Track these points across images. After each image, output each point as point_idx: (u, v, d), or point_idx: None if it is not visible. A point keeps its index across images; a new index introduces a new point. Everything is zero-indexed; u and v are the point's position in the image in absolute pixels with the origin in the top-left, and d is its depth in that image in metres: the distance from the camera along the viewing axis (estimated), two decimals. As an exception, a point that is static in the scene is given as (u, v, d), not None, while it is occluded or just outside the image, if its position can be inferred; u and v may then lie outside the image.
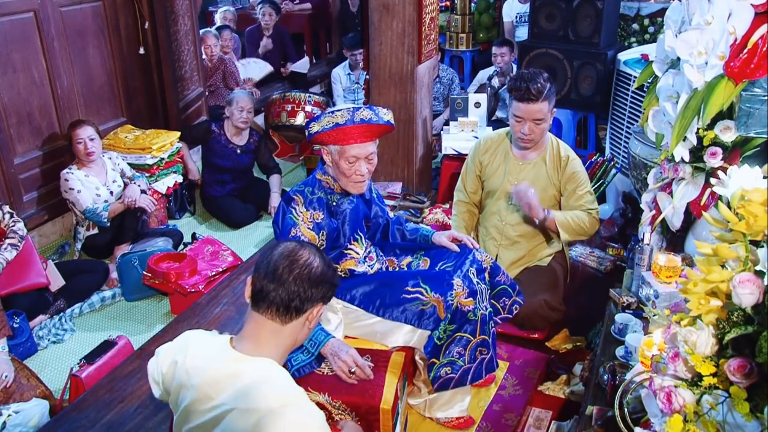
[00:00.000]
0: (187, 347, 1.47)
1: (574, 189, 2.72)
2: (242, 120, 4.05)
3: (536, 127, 2.61)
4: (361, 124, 1.97)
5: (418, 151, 4.03)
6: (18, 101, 3.51)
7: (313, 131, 2.02)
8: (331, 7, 7.29)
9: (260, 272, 1.40)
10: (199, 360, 1.42)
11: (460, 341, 2.08)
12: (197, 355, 1.44)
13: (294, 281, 1.37)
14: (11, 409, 2.29)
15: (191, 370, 1.41)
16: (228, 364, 1.38)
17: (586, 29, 4.00)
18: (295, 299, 1.38)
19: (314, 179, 2.14)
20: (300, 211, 2.05)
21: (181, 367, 1.44)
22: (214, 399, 1.36)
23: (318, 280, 1.40)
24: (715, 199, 1.88)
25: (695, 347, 1.33)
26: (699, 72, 1.82)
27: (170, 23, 4.43)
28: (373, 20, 3.75)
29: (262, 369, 1.37)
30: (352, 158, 2.02)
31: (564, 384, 2.49)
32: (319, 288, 1.40)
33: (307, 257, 1.40)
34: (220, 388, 1.36)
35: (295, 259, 1.39)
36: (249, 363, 1.37)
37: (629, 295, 2.19)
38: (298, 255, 1.39)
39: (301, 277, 1.38)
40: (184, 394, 1.42)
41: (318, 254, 1.43)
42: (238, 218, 4.08)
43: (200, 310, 2.94)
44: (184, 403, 1.41)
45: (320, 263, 1.41)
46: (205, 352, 1.44)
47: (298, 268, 1.38)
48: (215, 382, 1.37)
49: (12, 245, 2.86)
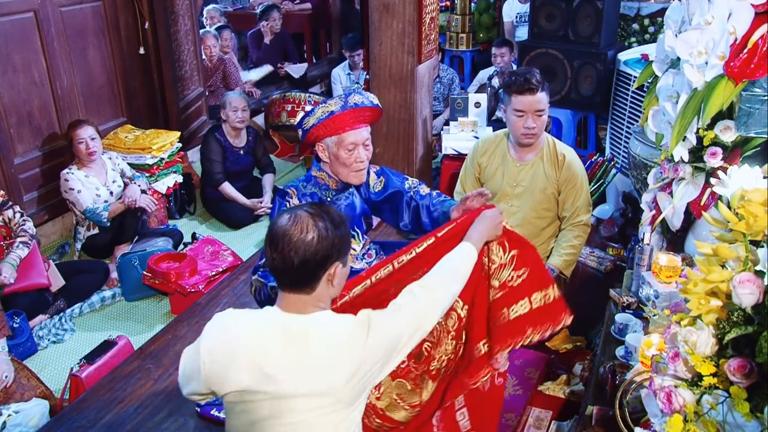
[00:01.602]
0: (237, 338, 1.42)
1: (566, 196, 2.70)
2: (239, 119, 4.06)
3: (538, 119, 2.61)
4: (355, 108, 2.01)
5: (418, 151, 4.03)
6: (18, 101, 3.51)
7: (310, 125, 2.02)
8: (331, 7, 7.29)
9: (268, 253, 1.43)
10: (259, 340, 1.41)
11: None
12: (254, 337, 1.42)
13: (296, 258, 1.37)
14: (11, 409, 2.29)
15: (258, 356, 1.39)
16: (291, 329, 1.41)
17: (586, 29, 4.00)
18: (302, 273, 1.40)
19: (309, 176, 2.15)
20: (294, 203, 2.05)
21: (241, 359, 1.40)
22: (295, 365, 1.39)
23: (317, 249, 1.38)
24: (715, 199, 1.88)
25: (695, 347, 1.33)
26: (699, 72, 1.82)
27: (170, 23, 4.43)
28: (373, 20, 3.74)
29: (323, 318, 1.44)
30: (351, 145, 2.03)
31: (564, 384, 2.49)
32: (322, 253, 1.39)
33: (299, 232, 1.38)
34: (297, 351, 1.39)
35: (288, 237, 1.38)
36: (300, 319, 1.42)
37: (629, 295, 2.19)
38: (291, 233, 1.38)
39: (300, 254, 1.37)
40: (259, 382, 1.40)
41: (312, 219, 1.40)
42: (238, 218, 4.08)
43: (200, 310, 2.94)
44: (267, 387, 1.39)
45: (314, 232, 1.38)
46: (261, 332, 1.43)
47: (294, 247, 1.37)
48: (291, 349, 1.40)
49: (23, 243, 2.94)
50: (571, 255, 2.68)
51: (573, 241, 2.70)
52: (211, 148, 4.07)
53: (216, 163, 4.06)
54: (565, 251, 2.68)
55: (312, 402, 1.40)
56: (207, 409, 2.27)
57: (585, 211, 2.72)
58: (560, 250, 2.70)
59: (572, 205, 2.70)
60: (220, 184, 4.07)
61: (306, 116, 2.04)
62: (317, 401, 1.40)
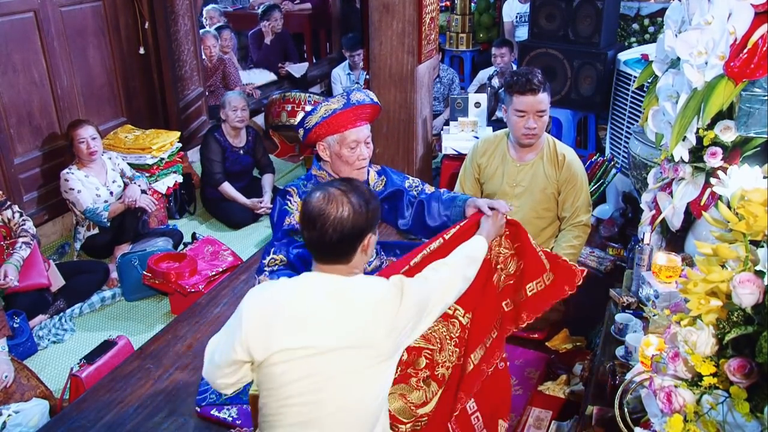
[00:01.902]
0: (279, 299, 1.48)
1: (566, 196, 2.70)
2: (238, 119, 4.06)
3: (539, 119, 2.60)
4: (357, 105, 2.03)
5: (418, 151, 4.03)
6: (18, 101, 3.51)
7: (312, 124, 2.02)
8: (331, 7, 7.29)
9: (304, 232, 1.48)
10: (301, 298, 1.46)
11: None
12: (296, 296, 1.47)
13: (334, 234, 1.43)
14: (11, 409, 2.29)
15: (300, 313, 1.44)
16: (331, 288, 1.47)
17: (586, 29, 4.00)
18: (340, 247, 1.46)
19: (310, 174, 2.15)
20: (295, 201, 2.06)
21: (286, 324, 1.44)
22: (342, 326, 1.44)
23: (353, 224, 1.45)
24: (715, 199, 1.88)
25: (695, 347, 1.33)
26: (699, 72, 1.82)
27: (170, 23, 4.43)
28: (373, 20, 3.74)
29: (360, 278, 1.51)
30: (353, 143, 2.04)
31: (564, 384, 2.49)
32: (358, 227, 1.46)
33: (335, 210, 1.43)
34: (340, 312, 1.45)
35: (326, 215, 1.43)
36: (346, 278, 1.49)
37: (629, 295, 2.19)
38: (327, 211, 1.43)
39: (338, 231, 1.43)
40: (304, 341, 1.43)
41: (345, 196, 1.46)
42: (238, 218, 4.08)
43: (200, 310, 2.94)
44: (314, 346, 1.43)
45: (349, 209, 1.44)
46: (303, 291, 1.48)
47: (332, 224, 1.43)
48: (334, 310, 1.45)
49: (26, 243, 2.96)
50: (571, 255, 2.68)
51: (573, 241, 2.69)
52: (211, 148, 4.07)
53: (216, 163, 4.06)
54: (564, 251, 2.68)
55: (354, 355, 1.45)
56: (207, 410, 2.27)
57: (585, 212, 2.72)
58: (560, 250, 2.70)
59: (572, 205, 2.70)
60: (219, 184, 4.07)
61: (307, 115, 2.04)
62: (360, 354, 1.45)
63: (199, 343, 2.69)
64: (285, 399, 1.45)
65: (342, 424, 1.48)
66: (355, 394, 1.48)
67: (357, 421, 1.50)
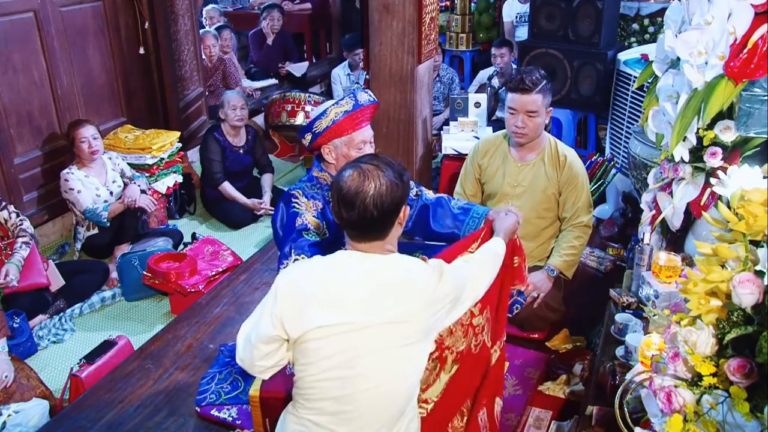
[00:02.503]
0: (313, 276, 1.48)
1: (567, 197, 2.70)
2: (237, 118, 4.06)
3: (529, 120, 2.59)
4: (366, 105, 2.04)
5: (418, 151, 4.03)
6: (18, 101, 3.51)
7: (323, 128, 2.00)
8: (331, 7, 7.29)
9: (342, 214, 1.47)
10: (336, 275, 1.48)
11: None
12: (331, 273, 1.48)
13: (375, 210, 1.43)
14: (11, 409, 2.29)
15: (336, 290, 1.46)
16: (366, 264, 1.48)
17: (586, 29, 4.00)
18: (380, 223, 1.47)
19: (311, 176, 2.14)
20: (302, 201, 2.05)
21: (324, 302, 1.45)
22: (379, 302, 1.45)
23: (392, 198, 1.46)
24: (715, 199, 1.88)
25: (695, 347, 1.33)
26: (699, 72, 1.82)
27: (170, 23, 4.43)
28: (373, 20, 3.74)
29: (396, 256, 1.52)
30: (361, 144, 2.05)
31: (564, 384, 2.49)
32: (397, 200, 1.47)
33: (374, 187, 1.44)
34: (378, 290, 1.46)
35: (364, 193, 1.43)
36: (389, 259, 1.50)
37: (629, 295, 2.19)
38: (365, 189, 1.43)
39: (378, 206, 1.43)
40: (344, 318, 1.45)
41: (379, 170, 1.46)
42: (238, 218, 4.08)
43: (200, 310, 2.94)
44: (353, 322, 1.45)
45: (387, 182, 1.45)
46: (338, 268, 1.49)
47: (372, 200, 1.43)
48: (370, 288, 1.46)
49: (25, 243, 2.96)
50: (571, 255, 2.68)
51: (573, 241, 2.69)
52: (211, 148, 4.07)
53: (215, 162, 4.06)
54: (565, 252, 2.68)
55: (390, 331, 1.46)
56: (207, 409, 2.27)
57: (585, 212, 2.72)
58: (560, 251, 2.70)
59: (573, 205, 2.70)
60: (219, 184, 4.07)
61: (315, 120, 2.02)
62: (395, 330, 1.46)
63: (199, 343, 2.69)
64: (320, 373, 1.47)
65: (375, 402, 1.50)
66: (388, 374, 1.49)
67: (389, 399, 1.51)
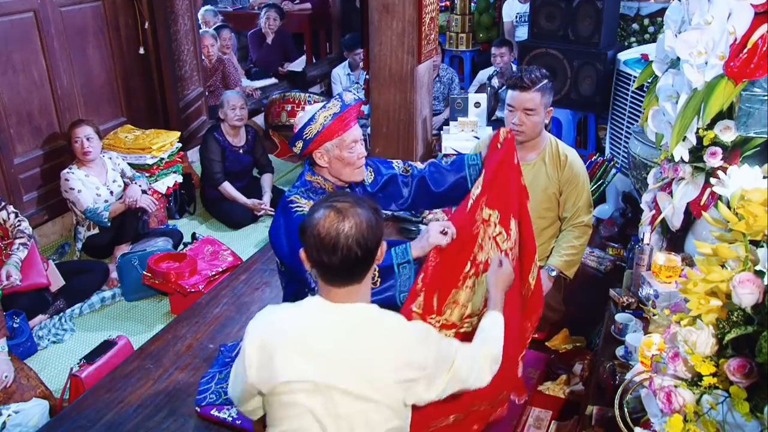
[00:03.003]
0: (282, 329, 1.42)
1: (567, 196, 2.70)
2: (237, 118, 4.06)
3: (527, 118, 2.59)
4: (353, 105, 2.04)
5: (418, 151, 4.03)
6: (18, 101, 3.51)
7: (314, 133, 2.00)
8: (331, 7, 7.30)
9: (324, 259, 1.37)
10: (304, 331, 1.40)
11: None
12: (299, 328, 1.41)
13: (359, 250, 1.36)
14: (11, 409, 2.29)
15: (304, 346, 1.39)
16: (332, 317, 1.41)
17: (586, 29, 4.00)
18: (362, 263, 1.39)
19: (304, 181, 2.13)
20: (303, 203, 2.04)
21: (284, 354, 1.39)
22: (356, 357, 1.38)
23: (374, 234, 1.39)
24: (714, 199, 1.88)
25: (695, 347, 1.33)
26: (699, 72, 1.82)
27: (170, 23, 4.43)
28: (373, 20, 3.74)
29: (364, 311, 1.42)
30: (352, 144, 2.05)
31: (564, 384, 2.49)
32: (377, 237, 1.40)
33: (355, 227, 1.35)
34: (358, 344, 1.38)
35: (344, 235, 1.35)
36: (358, 309, 1.42)
37: (629, 295, 2.19)
38: (346, 231, 1.35)
39: (362, 246, 1.36)
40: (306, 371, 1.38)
41: (354, 208, 1.38)
42: (238, 218, 4.08)
43: (200, 310, 2.93)
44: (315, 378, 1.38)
45: (366, 217, 1.38)
46: (306, 323, 1.42)
47: (355, 241, 1.35)
48: (347, 342, 1.39)
49: (23, 245, 2.96)
50: (571, 255, 2.68)
51: (573, 241, 2.69)
52: (211, 148, 4.07)
53: (215, 162, 4.06)
54: (565, 251, 2.68)
55: (357, 397, 1.37)
56: (207, 409, 2.27)
57: (586, 212, 2.72)
58: (560, 251, 2.70)
59: (573, 205, 2.70)
60: (219, 184, 4.07)
61: (305, 127, 2.00)
62: (363, 407, 1.37)
63: (199, 343, 2.68)
64: (287, 430, 1.42)
65: None
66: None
67: None
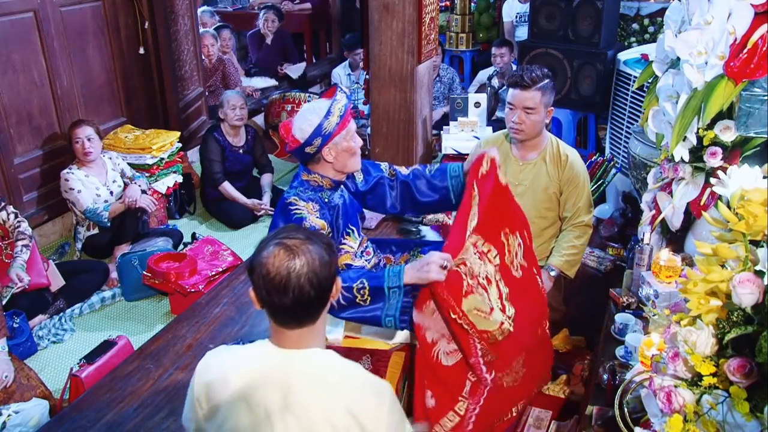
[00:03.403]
0: (224, 372, 1.35)
1: (568, 196, 2.70)
2: (237, 118, 4.06)
3: (527, 116, 2.60)
4: (349, 100, 2.10)
5: (418, 151, 4.03)
6: (18, 101, 3.51)
7: (334, 125, 1.98)
8: (331, 7, 7.30)
9: (274, 301, 1.29)
10: (251, 377, 1.33)
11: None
12: (244, 373, 1.34)
13: (312, 290, 1.27)
14: (11, 409, 2.29)
15: (248, 391, 1.31)
16: (286, 366, 1.33)
17: (586, 29, 4.00)
18: (316, 303, 1.31)
19: (301, 180, 2.13)
20: (302, 205, 2.04)
21: (224, 393, 1.33)
22: (292, 407, 1.29)
23: (328, 271, 1.30)
24: (714, 199, 1.88)
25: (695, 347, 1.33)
26: (699, 72, 1.82)
27: (170, 23, 4.43)
28: (373, 20, 3.74)
29: (318, 359, 1.34)
30: (354, 133, 2.11)
31: (564, 384, 2.49)
32: (331, 273, 1.31)
33: (307, 265, 1.27)
34: (292, 393, 1.30)
35: (296, 274, 1.26)
36: (303, 356, 1.33)
37: (629, 295, 2.19)
38: (299, 270, 1.26)
39: (315, 285, 1.27)
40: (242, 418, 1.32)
41: (306, 245, 1.29)
42: (238, 218, 4.08)
43: (200, 310, 2.93)
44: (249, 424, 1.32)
45: (318, 254, 1.28)
46: (252, 367, 1.34)
47: (308, 280, 1.26)
48: (283, 390, 1.31)
49: (25, 246, 2.97)
50: (572, 255, 2.68)
51: (574, 241, 2.69)
52: (211, 148, 4.07)
53: (215, 162, 4.06)
54: (565, 251, 2.68)
55: None
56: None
57: (586, 212, 2.72)
58: (560, 250, 2.70)
59: (574, 205, 2.70)
60: (219, 184, 4.07)
61: (324, 121, 1.98)
62: None
63: (199, 343, 2.68)
64: None
65: None
66: None
67: None
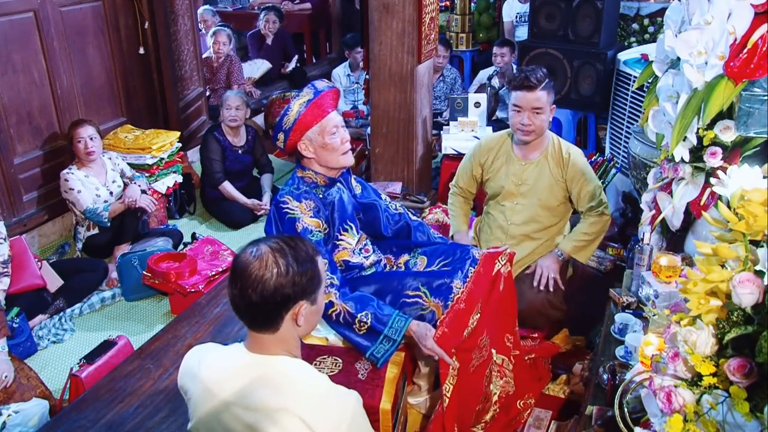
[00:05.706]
0: (199, 363, 1.45)
1: (579, 192, 2.70)
2: (231, 117, 4.07)
3: (535, 117, 2.60)
4: (326, 91, 2.06)
5: (418, 150, 4.03)
6: (18, 101, 3.51)
7: (291, 121, 2.01)
8: (331, 7, 7.30)
9: (228, 288, 1.36)
10: (216, 372, 1.40)
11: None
12: (212, 367, 1.42)
13: (253, 295, 1.30)
14: (11, 409, 2.29)
15: (210, 384, 1.39)
16: (248, 367, 1.37)
17: (586, 29, 4.00)
18: (262, 312, 1.33)
19: (296, 178, 2.14)
20: (294, 205, 2.04)
21: (198, 384, 1.42)
22: (244, 406, 1.33)
23: (276, 288, 1.30)
24: (714, 199, 1.88)
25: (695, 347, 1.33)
26: (699, 72, 1.82)
27: (170, 23, 4.44)
28: (373, 20, 3.74)
29: (281, 366, 1.36)
30: (334, 128, 2.07)
31: (564, 384, 2.49)
32: (282, 292, 1.31)
33: (258, 269, 1.29)
34: (247, 392, 1.34)
35: (247, 273, 1.30)
36: (267, 361, 1.36)
37: (629, 295, 2.19)
38: (250, 269, 1.30)
39: (258, 292, 1.30)
40: (210, 411, 1.39)
41: (273, 255, 1.31)
42: (238, 218, 4.08)
43: (200, 310, 2.93)
44: (214, 420, 1.38)
45: (273, 270, 1.30)
46: (220, 363, 1.42)
47: (251, 284, 1.29)
48: (240, 388, 1.35)
49: (2, 274, 2.73)
50: (580, 241, 2.69)
51: (586, 228, 2.69)
52: (211, 148, 4.07)
53: (215, 162, 4.06)
54: (575, 236, 2.71)
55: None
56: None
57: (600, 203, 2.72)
58: (572, 236, 2.73)
59: (592, 196, 2.69)
60: (219, 184, 4.07)
61: (283, 117, 2.03)
62: None
63: (199, 344, 2.68)
64: None
65: None
66: None
67: None
